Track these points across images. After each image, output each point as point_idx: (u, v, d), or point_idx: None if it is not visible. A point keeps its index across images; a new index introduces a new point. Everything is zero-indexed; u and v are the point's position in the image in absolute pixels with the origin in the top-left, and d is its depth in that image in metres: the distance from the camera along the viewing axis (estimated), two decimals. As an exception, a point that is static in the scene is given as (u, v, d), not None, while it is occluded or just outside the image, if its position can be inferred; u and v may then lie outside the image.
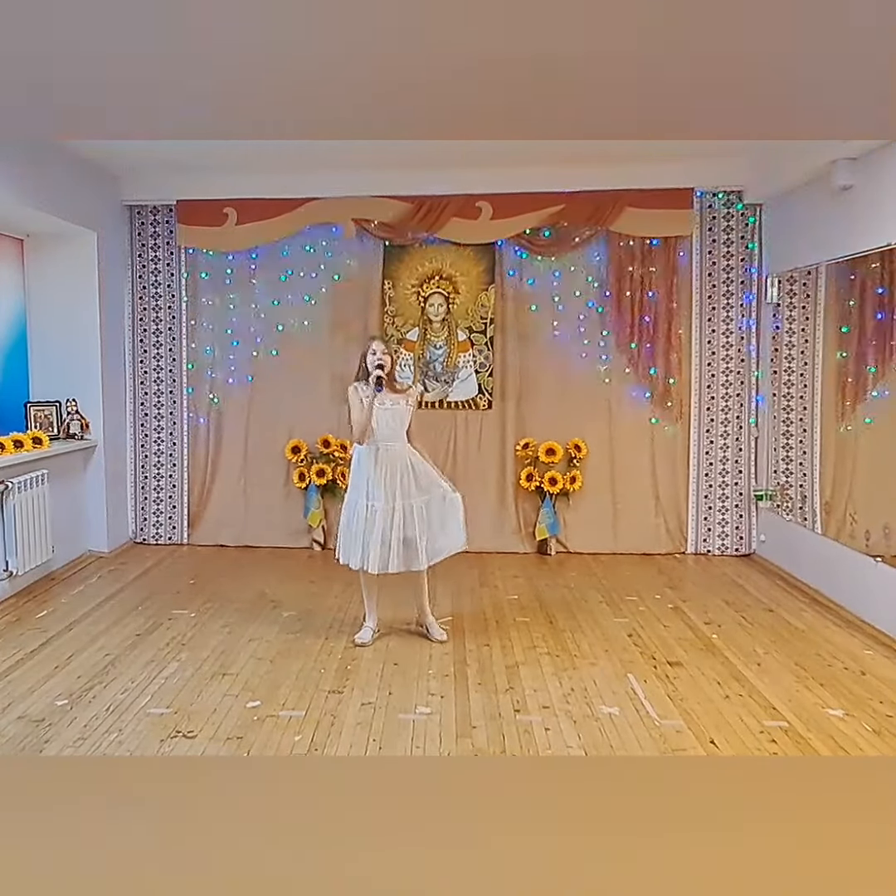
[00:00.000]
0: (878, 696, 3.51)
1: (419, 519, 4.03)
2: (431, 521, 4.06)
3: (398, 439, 4.08)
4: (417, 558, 4.03)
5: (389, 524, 3.99)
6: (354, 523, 4.08)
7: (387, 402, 4.05)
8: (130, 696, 3.50)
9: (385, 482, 4.01)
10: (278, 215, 5.84)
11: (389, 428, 4.05)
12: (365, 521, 4.02)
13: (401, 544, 4.01)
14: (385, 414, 4.04)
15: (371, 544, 3.99)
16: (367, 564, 4.01)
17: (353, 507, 4.11)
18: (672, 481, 6.01)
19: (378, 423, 4.03)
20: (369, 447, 4.06)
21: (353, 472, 4.17)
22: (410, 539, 4.02)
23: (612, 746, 3.08)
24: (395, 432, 4.07)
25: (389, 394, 4.07)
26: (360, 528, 4.04)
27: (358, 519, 4.06)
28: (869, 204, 4.40)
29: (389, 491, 4.01)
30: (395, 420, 4.07)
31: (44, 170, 4.95)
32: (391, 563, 4.01)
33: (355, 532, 4.07)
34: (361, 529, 4.03)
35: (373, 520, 4.00)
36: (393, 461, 4.04)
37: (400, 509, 4.01)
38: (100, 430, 5.78)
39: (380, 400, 4.02)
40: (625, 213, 5.67)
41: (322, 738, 3.13)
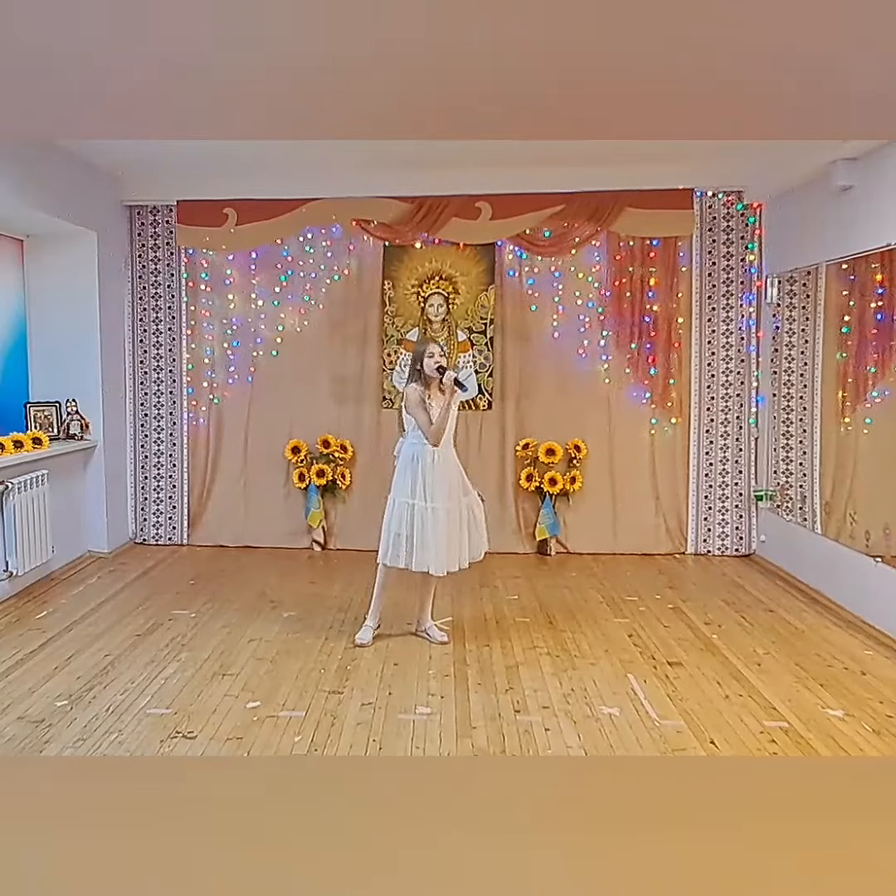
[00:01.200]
0: (878, 697, 3.51)
1: (471, 518, 4.11)
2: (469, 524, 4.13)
3: (451, 442, 4.12)
4: (480, 546, 4.15)
5: (457, 524, 4.03)
6: (407, 525, 3.99)
7: (442, 406, 4.03)
8: (130, 696, 3.50)
9: (447, 483, 4.01)
10: (278, 216, 5.84)
11: (449, 430, 4.07)
12: (425, 523, 3.96)
13: (466, 539, 4.07)
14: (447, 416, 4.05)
15: (439, 546, 3.96)
16: (433, 568, 3.97)
17: (405, 509, 4.01)
18: (672, 481, 6.01)
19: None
20: (424, 449, 4.01)
21: (400, 473, 4.08)
22: (471, 533, 4.11)
23: (612, 746, 3.08)
24: (448, 435, 4.08)
25: (443, 396, 4.05)
26: (419, 530, 3.97)
27: (418, 521, 3.98)
28: (869, 204, 4.40)
29: (453, 492, 4.03)
30: (453, 422, 4.09)
31: (44, 170, 4.95)
32: (460, 562, 4.05)
33: (410, 534, 3.99)
34: (422, 531, 3.97)
35: (435, 522, 3.96)
36: (448, 462, 4.06)
37: (465, 508, 4.08)
38: (100, 431, 5.78)
39: (437, 403, 4.01)
40: (625, 213, 5.67)
41: (322, 738, 3.13)
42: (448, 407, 4.00)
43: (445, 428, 3.99)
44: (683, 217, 5.69)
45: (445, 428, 3.99)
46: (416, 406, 3.99)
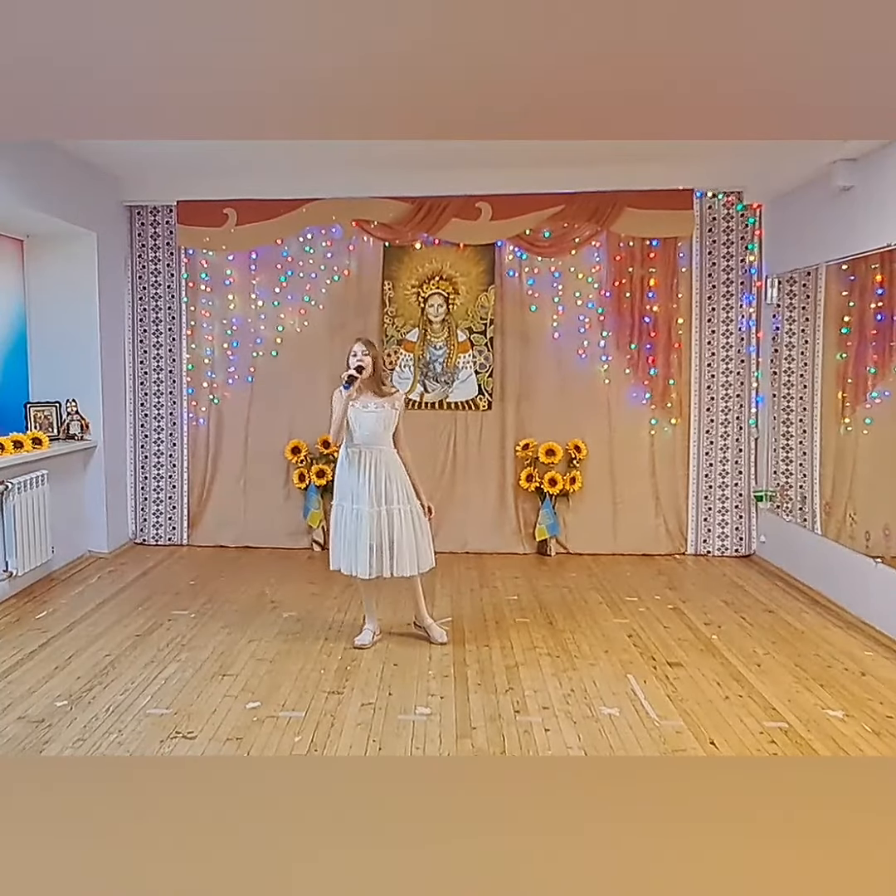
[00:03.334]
0: (877, 697, 3.51)
1: (405, 525, 3.99)
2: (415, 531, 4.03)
3: (382, 443, 4.02)
4: (404, 564, 3.99)
5: (377, 528, 3.96)
6: (342, 528, 4.05)
7: (370, 405, 4.00)
8: (130, 696, 3.50)
9: (370, 486, 3.96)
10: (278, 216, 5.84)
11: (372, 431, 3.99)
12: (352, 526, 3.99)
13: (391, 548, 3.97)
14: (368, 417, 3.99)
15: (360, 549, 3.96)
16: (357, 569, 3.98)
17: (339, 511, 4.07)
18: (672, 482, 6.01)
19: (360, 425, 3.98)
20: (352, 451, 4.01)
21: (337, 476, 4.13)
22: (395, 544, 3.98)
23: (612, 747, 3.07)
24: (378, 436, 4.00)
25: (374, 397, 4.01)
26: (347, 532, 4.01)
27: (345, 523, 4.02)
28: (869, 205, 4.40)
29: (374, 495, 3.97)
30: (378, 423, 4.00)
31: (44, 170, 4.95)
32: (384, 568, 3.98)
33: (343, 537, 4.04)
34: (350, 534, 4.00)
35: (359, 524, 3.96)
36: (377, 464, 3.99)
37: (385, 514, 3.97)
38: (100, 431, 5.78)
39: (363, 402, 3.98)
40: (624, 213, 5.67)
41: (322, 738, 3.13)
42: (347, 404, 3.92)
43: (342, 424, 3.93)
44: (683, 217, 5.69)
45: (342, 424, 3.93)
46: (332, 404, 3.98)
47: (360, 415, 3.99)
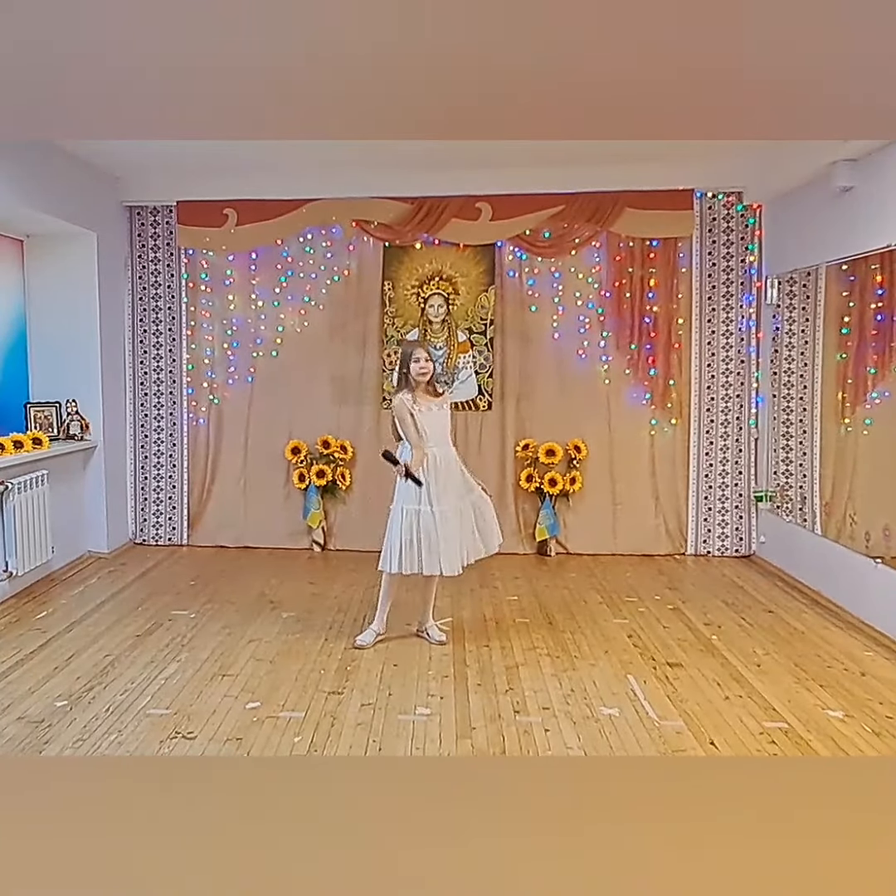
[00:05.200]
0: (877, 698, 3.51)
1: (478, 515, 4.14)
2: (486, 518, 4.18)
3: (448, 442, 4.14)
4: (493, 539, 4.17)
5: (469, 522, 4.08)
6: (414, 532, 3.98)
7: (434, 408, 4.07)
8: (130, 696, 3.50)
9: (448, 485, 4.03)
10: (278, 216, 5.84)
11: (441, 431, 4.08)
12: (439, 527, 3.96)
13: (480, 533, 4.12)
14: (435, 418, 4.06)
15: (449, 547, 3.97)
16: (445, 569, 3.97)
17: (413, 516, 3.98)
18: (672, 482, 6.01)
19: (432, 428, 4.04)
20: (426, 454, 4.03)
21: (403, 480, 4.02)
22: (482, 527, 4.14)
23: (612, 747, 3.07)
24: (445, 435, 4.11)
25: (433, 399, 4.10)
26: (427, 535, 3.96)
27: (425, 526, 3.96)
28: (869, 205, 4.40)
29: (453, 492, 4.05)
30: (442, 423, 4.10)
31: (44, 170, 4.96)
32: (473, 554, 4.10)
33: (419, 540, 3.97)
34: (430, 536, 3.96)
35: (444, 524, 3.97)
36: (449, 463, 4.08)
37: (469, 506, 4.11)
38: (100, 431, 5.78)
39: (426, 406, 4.05)
40: (625, 213, 5.68)
41: (322, 738, 3.13)
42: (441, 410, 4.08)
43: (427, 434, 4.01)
44: (683, 218, 5.70)
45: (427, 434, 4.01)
46: (399, 416, 4.03)
47: (427, 418, 4.04)
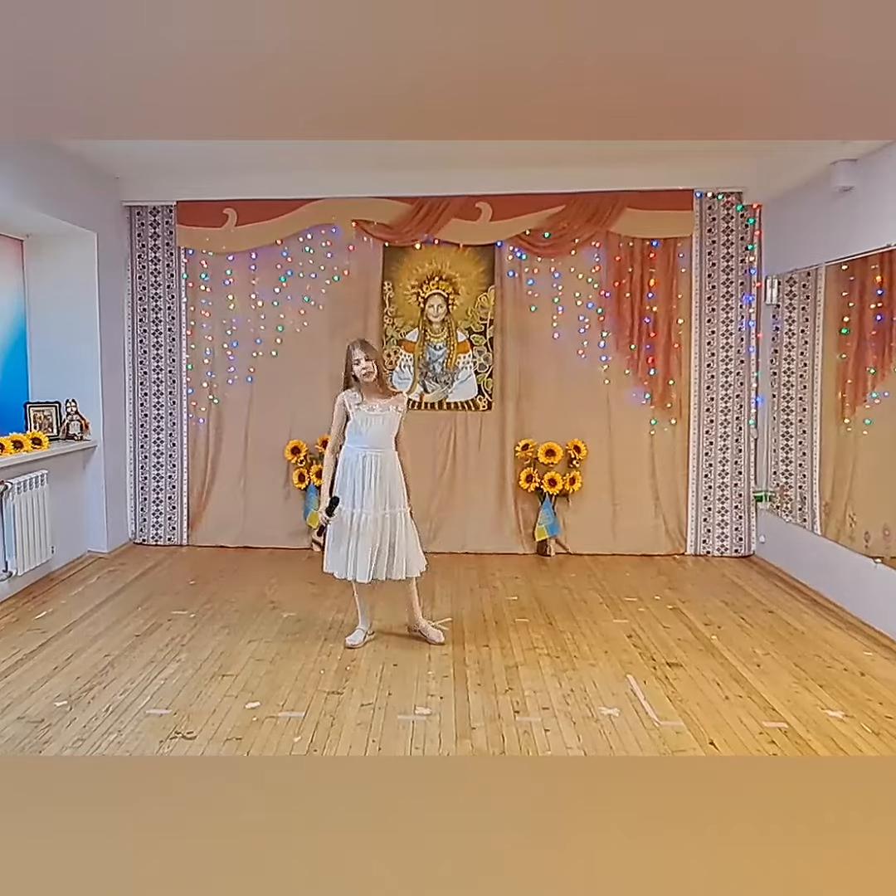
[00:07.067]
0: (877, 698, 3.51)
1: (400, 528, 3.99)
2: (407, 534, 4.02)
3: (387, 446, 4.01)
4: (400, 567, 3.98)
5: (379, 532, 3.94)
6: (339, 531, 3.98)
7: (376, 408, 3.97)
8: (130, 696, 3.50)
9: (375, 489, 3.94)
10: (278, 216, 5.85)
11: (378, 434, 3.97)
12: (354, 530, 3.93)
13: (391, 552, 3.97)
14: (375, 420, 3.97)
15: (361, 553, 3.93)
16: (356, 574, 3.94)
17: (339, 516, 3.97)
18: (672, 482, 6.01)
19: (368, 428, 3.96)
20: (356, 454, 3.97)
21: (339, 480, 4.03)
22: (396, 547, 3.97)
23: (612, 747, 3.07)
24: (384, 438, 4.00)
25: (379, 399, 3.99)
26: (350, 537, 3.95)
27: (345, 527, 3.96)
28: (868, 205, 4.40)
29: (379, 498, 3.95)
30: (384, 426, 3.99)
31: (44, 170, 4.95)
32: (383, 571, 3.97)
33: (343, 541, 3.97)
34: (352, 538, 3.94)
35: (364, 528, 3.92)
36: (382, 467, 3.97)
37: (389, 517, 3.97)
38: (99, 431, 5.78)
39: (369, 406, 3.96)
40: (625, 214, 5.68)
41: (322, 738, 3.13)
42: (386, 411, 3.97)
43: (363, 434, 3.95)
44: (683, 218, 5.70)
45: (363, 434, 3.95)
46: (335, 415, 4.02)
47: (367, 418, 3.97)
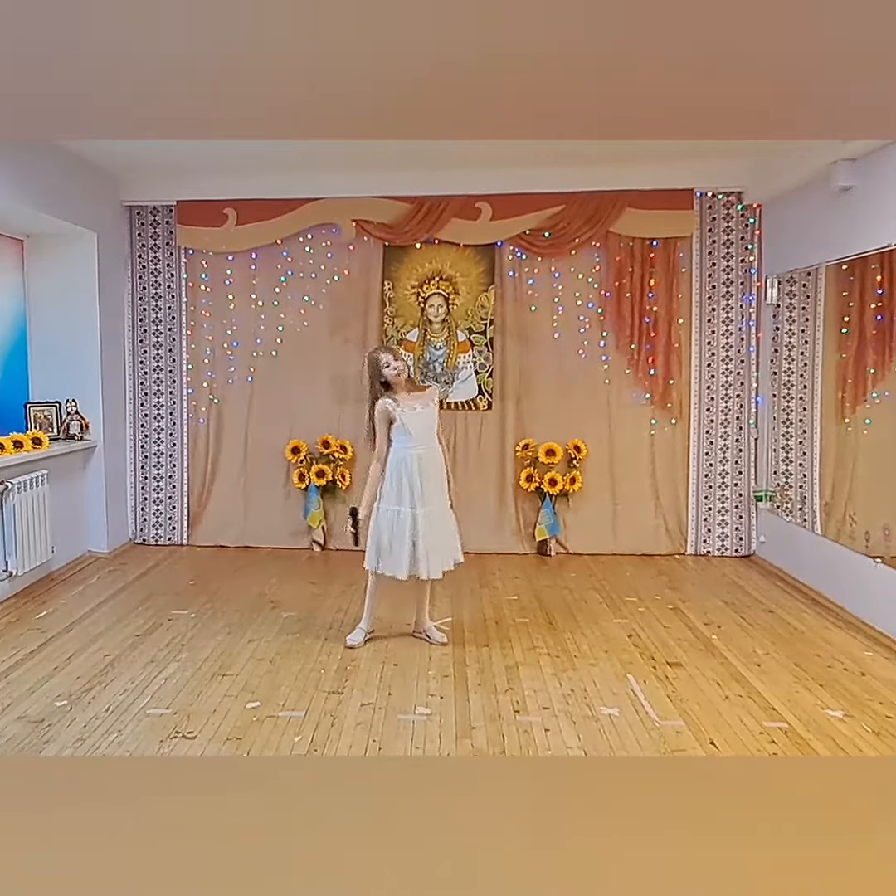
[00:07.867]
0: (877, 698, 3.51)
1: (438, 525, 3.98)
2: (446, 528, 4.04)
3: (434, 440, 4.03)
4: (436, 565, 3.98)
5: (420, 529, 3.93)
6: (394, 532, 3.96)
7: (417, 407, 3.97)
8: (130, 696, 3.50)
9: (421, 487, 3.94)
10: (278, 216, 5.85)
11: (426, 430, 3.98)
12: (415, 530, 3.92)
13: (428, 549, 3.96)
14: (418, 418, 3.96)
15: (430, 550, 3.93)
16: (429, 571, 3.93)
17: (393, 516, 3.96)
18: (672, 482, 6.01)
19: (417, 429, 3.94)
20: (410, 454, 3.95)
21: (388, 480, 4.00)
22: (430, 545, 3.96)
23: (612, 747, 3.07)
24: (431, 434, 4.01)
25: (416, 398, 4.00)
26: (401, 537, 3.93)
27: (406, 527, 3.93)
28: (869, 205, 4.40)
29: (425, 496, 3.94)
30: (429, 422, 4.00)
31: (44, 170, 4.95)
32: (420, 568, 3.95)
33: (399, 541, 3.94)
34: (405, 538, 3.92)
35: (429, 525, 3.92)
36: (436, 463, 4.00)
37: (426, 515, 3.95)
38: (99, 431, 5.78)
39: (409, 405, 3.96)
40: (625, 213, 5.68)
41: (322, 738, 3.13)
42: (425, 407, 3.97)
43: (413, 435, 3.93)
44: (683, 218, 5.70)
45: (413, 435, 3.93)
46: (379, 427, 3.99)
47: (413, 417, 3.95)
